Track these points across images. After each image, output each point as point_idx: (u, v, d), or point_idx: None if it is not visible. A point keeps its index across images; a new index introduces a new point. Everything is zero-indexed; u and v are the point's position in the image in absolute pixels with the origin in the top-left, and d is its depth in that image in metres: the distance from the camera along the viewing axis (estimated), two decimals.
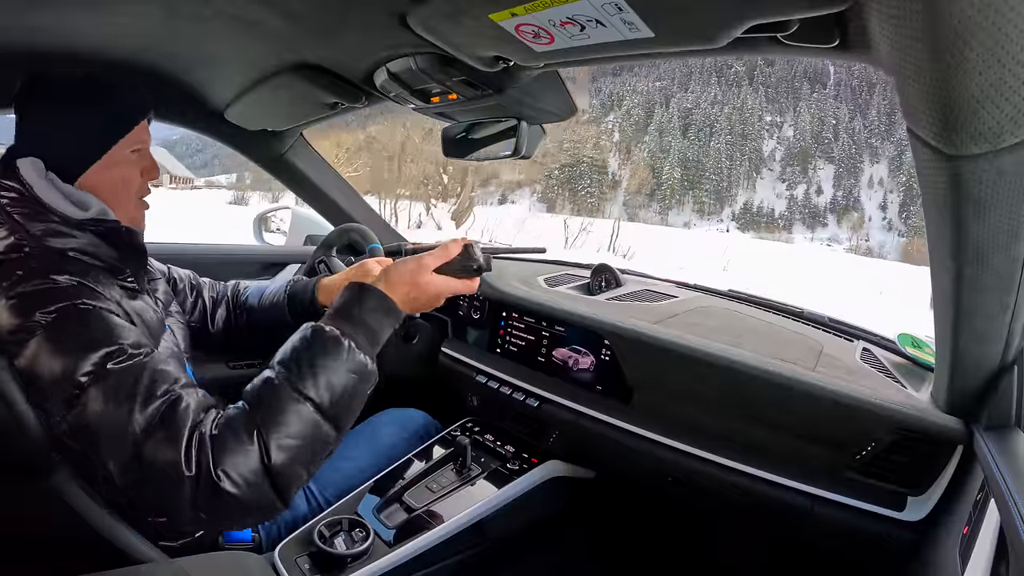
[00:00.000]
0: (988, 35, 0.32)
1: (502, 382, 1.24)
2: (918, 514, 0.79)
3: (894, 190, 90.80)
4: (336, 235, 1.23)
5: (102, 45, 0.88)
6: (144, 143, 0.82)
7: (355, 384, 0.67)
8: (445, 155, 1.12)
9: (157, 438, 0.58)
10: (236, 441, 0.59)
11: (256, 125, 1.33)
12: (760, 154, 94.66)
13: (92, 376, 0.61)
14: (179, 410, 0.60)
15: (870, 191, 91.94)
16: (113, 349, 0.63)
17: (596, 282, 1.46)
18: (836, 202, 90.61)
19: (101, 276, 0.73)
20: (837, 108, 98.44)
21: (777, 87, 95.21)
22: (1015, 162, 0.40)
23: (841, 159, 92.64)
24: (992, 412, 0.70)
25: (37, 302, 0.64)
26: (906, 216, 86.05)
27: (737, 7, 0.47)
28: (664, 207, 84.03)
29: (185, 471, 0.57)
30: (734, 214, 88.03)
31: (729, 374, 0.92)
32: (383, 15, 0.68)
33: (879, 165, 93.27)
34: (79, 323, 0.64)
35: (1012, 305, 0.56)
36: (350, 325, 0.68)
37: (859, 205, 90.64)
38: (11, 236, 0.70)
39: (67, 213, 0.72)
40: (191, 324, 1.03)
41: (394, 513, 1.03)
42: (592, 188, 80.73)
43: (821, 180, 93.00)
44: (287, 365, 0.65)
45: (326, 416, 0.64)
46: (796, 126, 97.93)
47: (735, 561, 1.33)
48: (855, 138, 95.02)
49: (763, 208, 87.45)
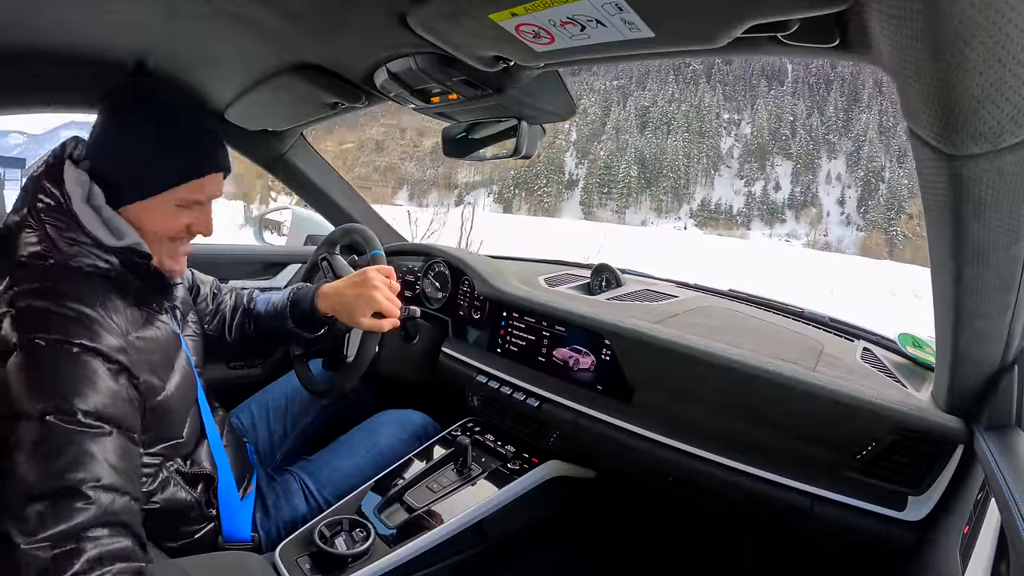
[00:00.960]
0: (988, 35, 0.32)
1: (502, 382, 1.24)
2: (918, 514, 0.79)
3: (852, 185, 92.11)
4: (340, 233, 1.23)
5: (102, 44, 0.88)
6: (205, 198, 0.79)
7: None
8: (445, 155, 1.12)
9: (31, 513, 0.55)
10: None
11: (256, 125, 1.33)
12: (718, 151, 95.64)
13: (35, 418, 0.59)
14: (68, 507, 0.56)
15: (828, 187, 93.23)
16: (65, 407, 0.60)
17: (596, 282, 1.46)
18: (794, 198, 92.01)
19: (118, 301, 0.71)
20: (794, 105, 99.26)
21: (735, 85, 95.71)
22: (1015, 162, 0.40)
23: (799, 155, 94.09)
24: (992, 412, 0.70)
25: (37, 323, 0.63)
26: (864, 211, 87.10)
27: (737, 7, 0.47)
28: (621, 206, 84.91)
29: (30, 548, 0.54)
30: (692, 211, 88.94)
31: (729, 374, 0.92)
32: (383, 15, 0.68)
33: (837, 161, 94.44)
34: (60, 364, 0.62)
35: (1012, 305, 0.56)
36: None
37: (817, 201, 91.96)
38: (39, 244, 0.68)
39: (100, 237, 0.70)
40: (208, 333, 1.02)
41: (395, 513, 1.03)
42: (548, 188, 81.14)
43: (779, 176, 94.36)
44: None
45: None
46: (754, 123, 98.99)
47: (735, 561, 1.33)
48: (812, 134, 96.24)
49: (721, 205, 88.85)
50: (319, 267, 1.22)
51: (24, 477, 0.57)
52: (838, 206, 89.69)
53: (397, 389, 1.46)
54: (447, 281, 1.47)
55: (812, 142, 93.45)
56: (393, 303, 0.98)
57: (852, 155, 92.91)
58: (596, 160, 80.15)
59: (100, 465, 0.60)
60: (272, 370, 1.57)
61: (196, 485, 0.84)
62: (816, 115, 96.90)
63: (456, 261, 1.44)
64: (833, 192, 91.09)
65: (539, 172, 79.29)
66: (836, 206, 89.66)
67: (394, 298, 0.98)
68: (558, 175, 79.10)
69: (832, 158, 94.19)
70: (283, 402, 1.22)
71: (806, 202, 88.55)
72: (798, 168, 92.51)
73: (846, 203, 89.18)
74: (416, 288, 1.54)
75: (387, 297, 0.97)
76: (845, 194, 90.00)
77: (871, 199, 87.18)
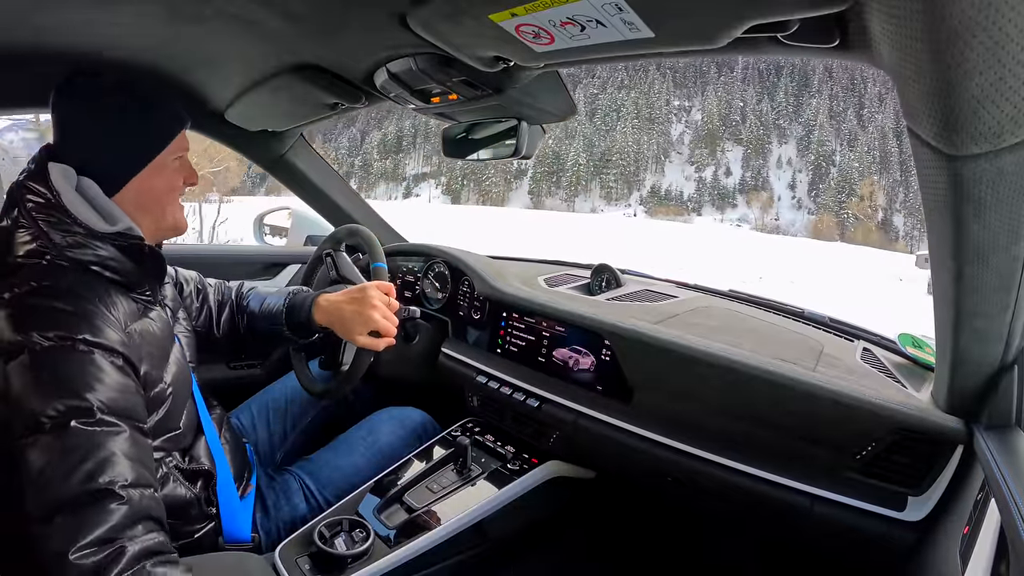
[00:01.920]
0: (988, 35, 0.32)
1: (502, 382, 1.24)
2: (918, 514, 0.79)
3: (803, 169, 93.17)
4: (345, 233, 1.22)
5: (104, 45, 0.88)
6: (185, 151, 0.84)
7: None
8: (445, 155, 1.12)
9: (64, 521, 0.56)
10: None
11: (256, 126, 1.33)
12: (668, 138, 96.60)
13: (54, 423, 0.59)
14: (102, 509, 0.58)
15: (779, 171, 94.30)
16: (85, 406, 0.61)
17: (596, 282, 1.46)
18: (745, 183, 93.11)
19: (115, 295, 0.72)
20: (744, 91, 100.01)
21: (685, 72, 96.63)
22: (1015, 162, 0.40)
23: (749, 141, 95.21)
24: (992, 412, 0.70)
25: (38, 322, 0.63)
26: (815, 194, 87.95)
27: (737, 7, 0.47)
28: (570, 194, 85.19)
29: (71, 556, 0.54)
30: (642, 198, 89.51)
31: (729, 374, 0.92)
32: (383, 15, 0.68)
33: (787, 145, 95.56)
34: (68, 362, 0.62)
35: (1012, 305, 0.56)
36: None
37: (768, 185, 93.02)
38: (34, 242, 0.69)
39: (92, 224, 0.72)
40: (197, 329, 1.03)
41: (394, 513, 1.03)
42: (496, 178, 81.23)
43: (730, 162, 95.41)
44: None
45: None
46: (704, 110, 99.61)
47: (735, 561, 1.33)
48: (763, 120, 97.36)
49: (672, 191, 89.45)
50: (323, 262, 1.21)
51: (50, 485, 0.57)
52: (789, 190, 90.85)
53: (397, 389, 1.45)
54: (447, 281, 1.47)
55: (762, 127, 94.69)
56: (391, 322, 0.97)
57: (802, 140, 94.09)
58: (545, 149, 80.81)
59: (124, 463, 0.61)
60: (272, 370, 1.57)
61: (195, 481, 0.84)
62: (766, 101, 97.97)
63: (456, 261, 1.44)
64: (784, 176, 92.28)
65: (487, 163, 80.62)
66: (787, 190, 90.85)
67: (391, 316, 0.98)
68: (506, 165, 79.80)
69: (783, 143, 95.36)
70: (283, 402, 1.22)
71: (757, 187, 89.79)
72: (749, 153, 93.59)
73: (797, 187, 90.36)
74: (416, 288, 1.54)
75: (384, 316, 0.97)
76: (796, 178, 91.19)
77: (822, 183, 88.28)
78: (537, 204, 76.08)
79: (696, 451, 0.96)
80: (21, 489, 0.58)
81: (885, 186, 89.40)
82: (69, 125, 0.76)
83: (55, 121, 0.76)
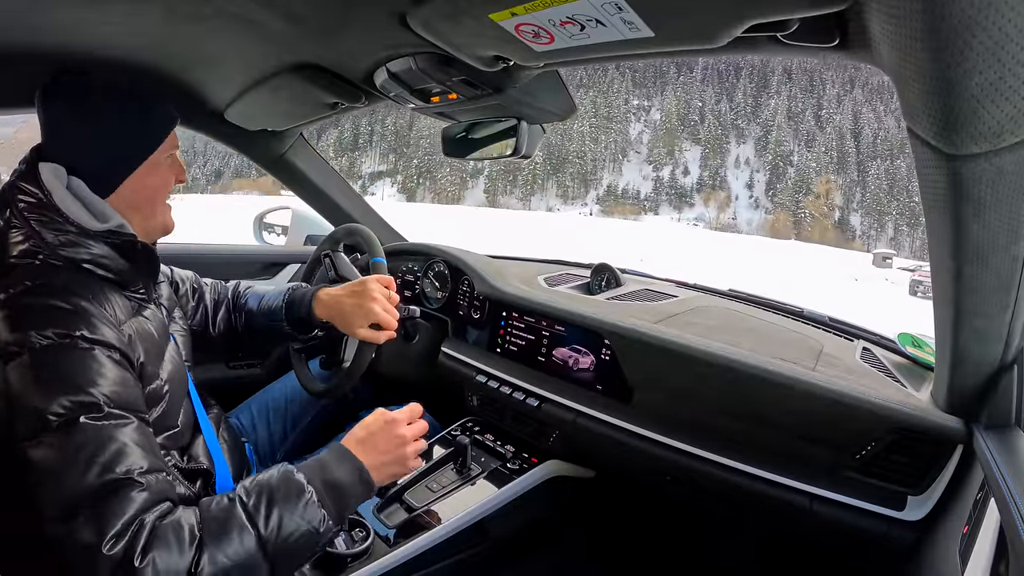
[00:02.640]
0: (988, 35, 0.32)
1: (502, 382, 1.24)
2: (918, 514, 0.79)
3: (760, 169, 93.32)
4: (343, 233, 1.22)
5: (102, 44, 0.88)
6: (175, 148, 0.84)
7: (305, 533, 0.65)
8: (445, 155, 1.12)
9: (87, 516, 0.56)
10: (176, 540, 0.58)
11: (256, 125, 1.33)
12: (627, 137, 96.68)
13: (62, 421, 0.59)
14: (124, 498, 0.58)
15: (737, 171, 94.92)
16: (91, 401, 0.61)
17: (596, 282, 1.46)
18: (703, 182, 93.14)
19: (109, 292, 0.72)
20: (704, 91, 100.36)
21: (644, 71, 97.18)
22: (1015, 162, 0.40)
23: (707, 140, 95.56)
24: (992, 411, 0.70)
25: (35, 321, 0.63)
26: (772, 194, 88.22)
27: (737, 7, 0.47)
28: (526, 193, 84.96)
29: (104, 550, 0.55)
30: (598, 197, 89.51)
31: (729, 374, 0.92)
32: (383, 15, 0.68)
33: (745, 145, 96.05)
34: (68, 359, 0.62)
35: (1012, 305, 0.56)
36: (323, 485, 0.69)
37: (726, 184, 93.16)
38: (27, 242, 0.69)
39: (84, 223, 0.72)
40: (192, 328, 1.03)
41: (394, 513, 1.03)
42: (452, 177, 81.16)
43: (688, 161, 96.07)
44: (249, 491, 0.66)
45: (265, 551, 0.62)
46: (663, 109, 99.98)
47: (735, 560, 1.33)
48: (721, 120, 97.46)
49: (629, 190, 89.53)
50: (321, 263, 1.21)
51: (67, 482, 0.57)
52: (747, 189, 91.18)
53: (397, 389, 1.46)
54: (447, 281, 1.47)
55: (721, 127, 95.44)
56: (391, 315, 0.98)
57: (760, 140, 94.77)
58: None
59: (136, 451, 0.62)
60: (272, 370, 1.57)
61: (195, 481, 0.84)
62: (725, 101, 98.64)
63: (456, 261, 1.44)
64: (742, 176, 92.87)
65: (443, 161, 79.90)
66: (745, 189, 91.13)
67: (392, 309, 0.99)
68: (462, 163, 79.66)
69: (741, 143, 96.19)
70: (283, 402, 1.22)
71: (715, 186, 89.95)
72: (707, 153, 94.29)
73: (755, 186, 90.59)
74: (416, 288, 1.54)
75: (385, 308, 0.97)
76: (754, 178, 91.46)
77: (779, 182, 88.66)
78: (492, 203, 76.19)
79: (696, 450, 0.96)
80: (30, 490, 0.58)
81: (842, 186, 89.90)
82: (56, 125, 0.75)
83: (42, 121, 0.75)
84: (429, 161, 79.57)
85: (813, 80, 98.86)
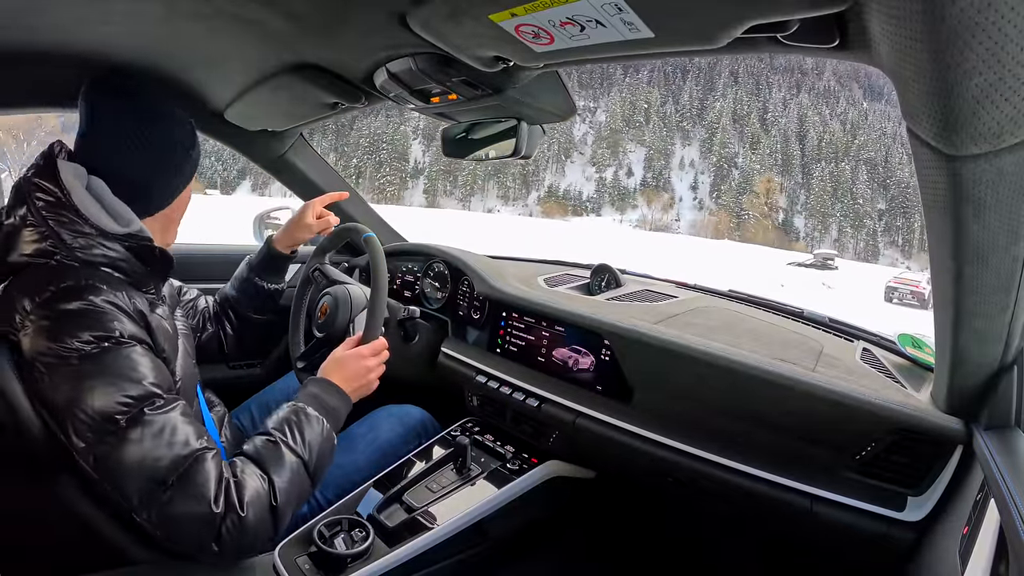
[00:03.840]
0: (988, 35, 0.32)
1: (502, 382, 1.24)
2: (918, 514, 0.79)
3: (705, 171, 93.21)
4: (328, 241, 1.22)
5: (102, 44, 0.88)
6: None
7: (327, 450, 0.81)
8: (445, 155, 1.12)
9: (184, 491, 0.64)
10: (251, 480, 0.69)
11: (256, 125, 1.33)
12: (571, 137, 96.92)
13: (128, 417, 0.64)
14: (205, 465, 0.66)
15: (681, 172, 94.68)
16: (148, 393, 0.66)
17: (596, 282, 1.46)
18: (647, 183, 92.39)
19: (127, 291, 0.73)
20: (650, 92, 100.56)
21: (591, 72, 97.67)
22: (1015, 162, 0.40)
23: (652, 142, 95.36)
24: (992, 412, 0.70)
25: (74, 326, 0.64)
26: (716, 195, 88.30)
27: (737, 7, 0.47)
28: (466, 193, 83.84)
29: (214, 508, 0.65)
30: (540, 198, 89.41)
31: (729, 374, 0.92)
32: (383, 15, 0.68)
33: (691, 147, 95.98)
34: (114, 359, 0.66)
35: (1012, 305, 0.56)
36: (324, 411, 0.83)
37: (670, 186, 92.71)
38: (44, 241, 0.70)
39: (103, 225, 0.72)
40: (192, 328, 1.04)
41: (394, 513, 1.03)
42: (392, 177, 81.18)
43: (632, 163, 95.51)
44: (283, 431, 0.77)
45: (308, 470, 0.77)
46: (608, 110, 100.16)
47: (735, 561, 1.33)
48: (667, 121, 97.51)
49: (571, 191, 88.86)
50: (312, 280, 1.21)
51: (149, 469, 0.63)
52: (691, 191, 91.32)
53: (396, 389, 1.45)
54: (447, 281, 1.47)
55: (666, 129, 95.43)
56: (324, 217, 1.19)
57: (706, 142, 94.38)
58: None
59: (192, 425, 0.69)
60: (272, 370, 1.57)
61: None
62: (671, 103, 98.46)
63: (456, 261, 1.44)
64: (686, 178, 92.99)
65: (383, 160, 79.74)
66: (689, 191, 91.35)
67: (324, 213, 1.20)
68: (401, 164, 78.72)
69: (686, 145, 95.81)
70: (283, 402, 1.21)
71: (658, 187, 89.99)
72: (651, 154, 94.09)
73: (699, 188, 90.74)
74: (416, 288, 1.54)
75: (320, 215, 1.18)
76: (698, 179, 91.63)
77: (723, 184, 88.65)
78: (432, 203, 76.33)
79: (696, 451, 0.96)
80: (107, 486, 0.65)
81: (787, 188, 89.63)
82: (110, 134, 0.77)
83: (97, 129, 0.77)
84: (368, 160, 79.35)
85: (760, 83, 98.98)
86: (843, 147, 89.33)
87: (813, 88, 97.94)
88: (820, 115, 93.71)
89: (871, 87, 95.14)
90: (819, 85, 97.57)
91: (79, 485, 0.71)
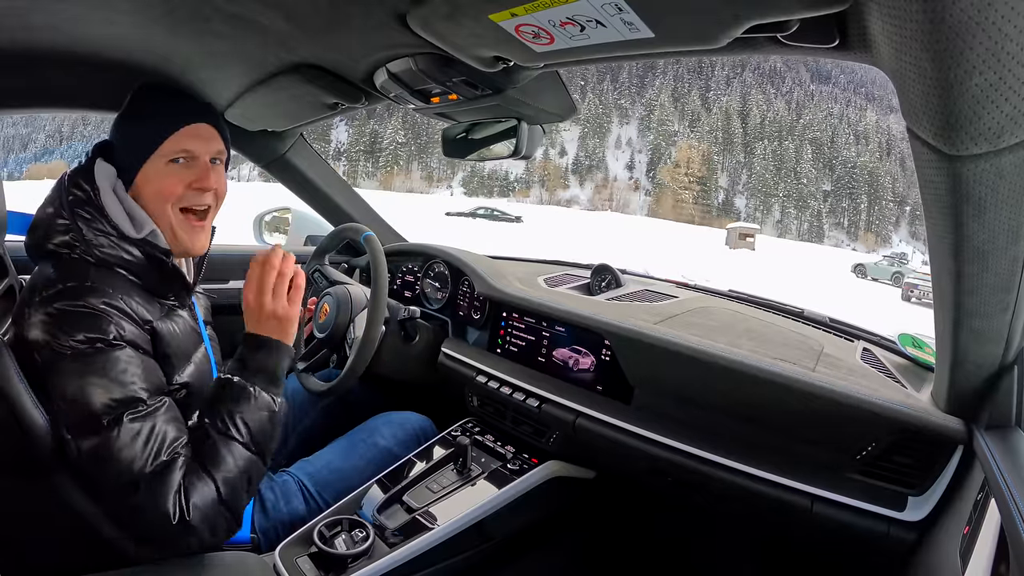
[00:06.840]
0: (988, 35, 0.32)
1: (502, 382, 1.24)
2: (918, 514, 0.79)
3: (642, 150, 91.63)
4: (327, 241, 1.23)
5: (101, 44, 0.88)
6: (186, 153, 0.81)
7: (267, 417, 0.77)
8: (445, 155, 1.12)
9: (147, 492, 0.66)
10: (198, 481, 0.70)
11: (256, 125, 1.33)
12: None
13: (111, 418, 0.66)
14: (175, 468, 0.69)
15: (617, 151, 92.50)
16: (132, 397, 0.68)
17: (596, 282, 1.46)
18: (579, 163, 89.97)
19: (135, 294, 0.75)
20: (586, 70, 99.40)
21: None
22: (1015, 162, 0.40)
23: (588, 120, 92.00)
24: (992, 412, 0.70)
25: (71, 325, 0.67)
26: (652, 175, 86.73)
27: (737, 7, 0.47)
28: (387, 174, 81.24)
29: (172, 518, 0.66)
30: (463, 180, 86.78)
31: (729, 374, 0.92)
32: (383, 15, 0.68)
33: (628, 126, 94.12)
34: (107, 362, 0.68)
35: (1012, 305, 0.56)
36: (250, 373, 0.77)
37: (604, 165, 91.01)
38: (67, 234, 0.73)
39: (123, 228, 0.75)
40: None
41: (395, 513, 1.03)
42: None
43: (564, 141, 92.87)
44: (211, 415, 0.75)
45: (251, 448, 0.75)
46: None
47: (735, 561, 1.33)
48: (603, 99, 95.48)
49: (497, 172, 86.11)
50: (312, 281, 1.21)
51: (123, 467, 0.66)
52: (627, 171, 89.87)
53: (396, 389, 1.45)
54: (447, 281, 1.47)
55: (602, 107, 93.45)
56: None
57: (644, 120, 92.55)
58: (363, 128, 77.92)
59: (172, 427, 0.71)
60: None
61: None
62: (608, 80, 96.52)
63: (456, 261, 1.44)
64: (623, 157, 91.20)
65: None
66: (625, 171, 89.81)
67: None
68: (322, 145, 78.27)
69: (624, 123, 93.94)
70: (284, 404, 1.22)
71: (591, 166, 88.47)
72: (586, 133, 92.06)
73: (635, 167, 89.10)
74: (416, 288, 1.54)
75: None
76: (635, 159, 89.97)
77: (661, 163, 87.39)
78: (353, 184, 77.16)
79: (696, 451, 0.96)
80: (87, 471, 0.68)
81: (728, 167, 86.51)
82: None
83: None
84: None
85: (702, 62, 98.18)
86: (787, 126, 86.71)
87: (758, 68, 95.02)
88: (765, 93, 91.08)
89: (819, 71, 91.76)
90: (764, 66, 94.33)
91: (80, 485, 0.71)
